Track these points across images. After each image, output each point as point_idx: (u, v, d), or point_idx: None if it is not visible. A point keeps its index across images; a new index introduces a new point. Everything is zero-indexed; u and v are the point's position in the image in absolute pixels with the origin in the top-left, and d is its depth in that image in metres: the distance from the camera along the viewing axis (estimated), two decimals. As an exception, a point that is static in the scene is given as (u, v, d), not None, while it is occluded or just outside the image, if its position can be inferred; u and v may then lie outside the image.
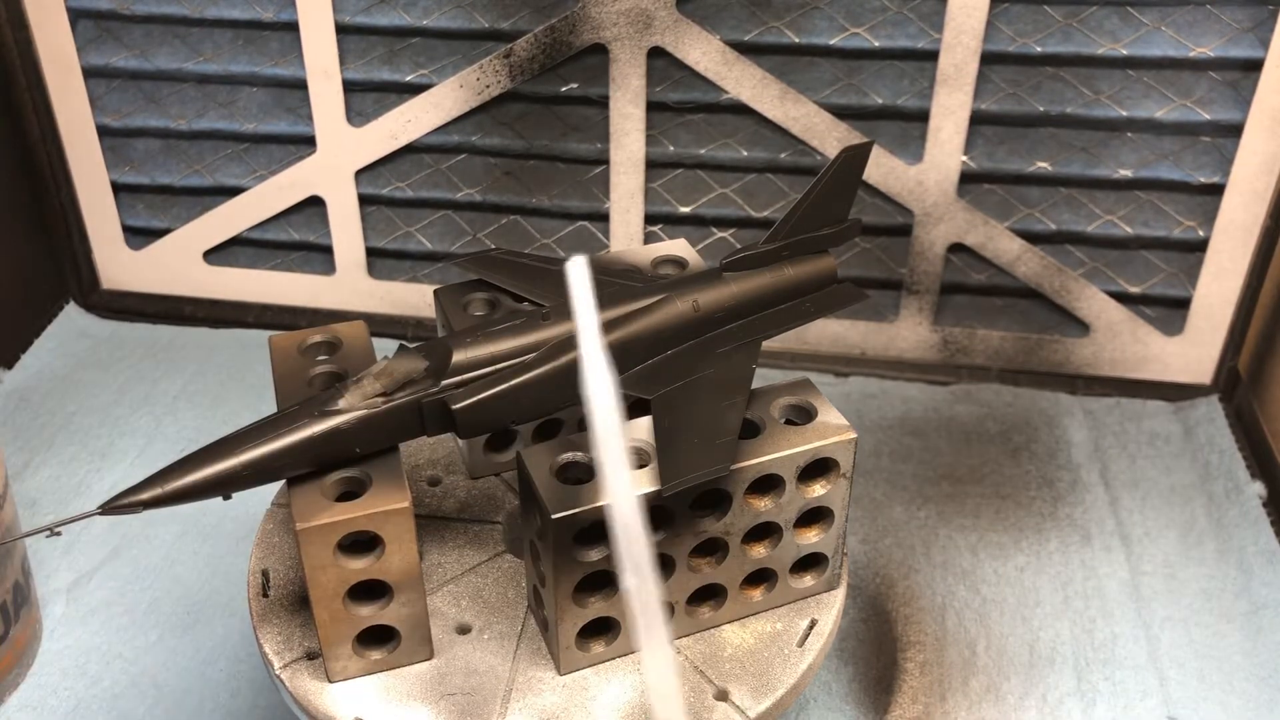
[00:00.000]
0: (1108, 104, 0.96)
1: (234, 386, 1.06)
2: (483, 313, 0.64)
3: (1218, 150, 0.97)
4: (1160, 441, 1.00)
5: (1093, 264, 1.02)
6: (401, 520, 0.52)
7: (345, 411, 0.53)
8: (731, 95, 0.99)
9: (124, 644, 0.82)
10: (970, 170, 0.99)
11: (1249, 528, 0.90)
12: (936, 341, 1.07)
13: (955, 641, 0.82)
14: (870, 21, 0.96)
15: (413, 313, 1.12)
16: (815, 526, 0.60)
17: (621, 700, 0.56)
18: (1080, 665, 0.80)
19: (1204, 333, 1.03)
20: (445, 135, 1.05)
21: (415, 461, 0.69)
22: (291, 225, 1.11)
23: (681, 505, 0.55)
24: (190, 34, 1.05)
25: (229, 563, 0.88)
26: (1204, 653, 0.81)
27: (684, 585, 0.58)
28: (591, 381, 0.30)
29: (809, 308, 0.64)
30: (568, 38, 0.98)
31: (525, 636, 0.59)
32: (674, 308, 0.60)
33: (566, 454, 0.56)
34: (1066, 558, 0.89)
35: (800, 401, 0.59)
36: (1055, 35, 0.95)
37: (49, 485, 0.95)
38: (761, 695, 0.57)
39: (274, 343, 0.62)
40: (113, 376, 1.07)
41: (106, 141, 1.09)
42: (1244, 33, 0.92)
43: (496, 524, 0.66)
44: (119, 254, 1.15)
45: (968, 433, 1.00)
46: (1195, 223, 0.99)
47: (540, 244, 1.08)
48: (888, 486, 0.95)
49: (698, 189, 1.04)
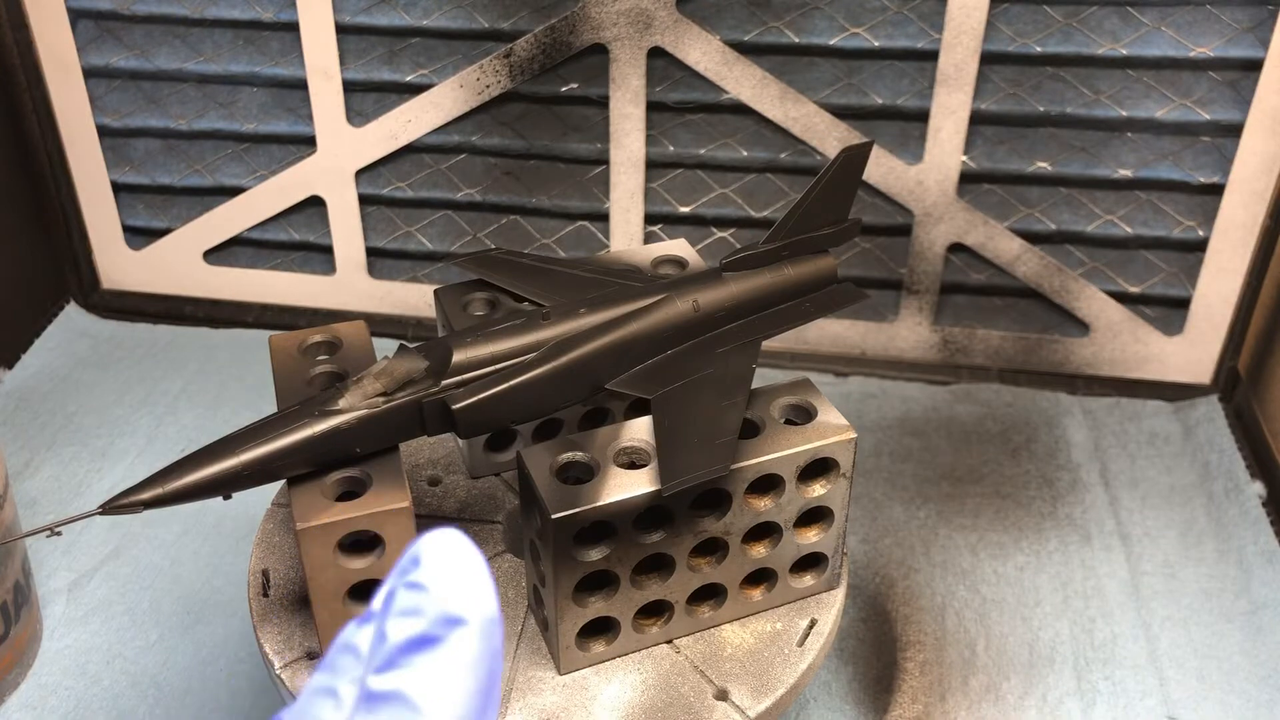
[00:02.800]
0: (1108, 104, 0.96)
1: (234, 386, 1.06)
2: (483, 313, 0.64)
3: (1217, 150, 0.97)
4: (1160, 441, 1.00)
5: (1093, 264, 1.02)
6: (401, 520, 0.52)
7: (345, 411, 0.53)
8: (731, 95, 0.99)
9: (124, 644, 0.82)
10: (970, 170, 0.99)
11: (1249, 528, 0.90)
12: (936, 341, 1.07)
13: (955, 641, 0.82)
14: (870, 21, 0.96)
15: (413, 313, 1.12)
16: (815, 526, 0.60)
17: (621, 700, 0.56)
18: (1080, 665, 0.80)
19: (1204, 332, 1.03)
20: (445, 135, 1.05)
21: (415, 461, 0.69)
22: (291, 225, 1.11)
23: (681, 505, 0.55)
24: (190, 34, 1.05)
25: (229, 563, 0.88)
26: (1204, 653, 0.81)
27: (684, 585, 0.58)
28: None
29: (809, 308, 0.64)
30: (568, 38, 0.99)
31: (525, 636, 0.59)
32: (674, 308, 0.60)
33: (566, 454, 0.56)
34: (1066, 557, 0.89)
35: (800, 401, 0.59)
36: (1055, 35, 0.95)
37: (49, 485, 0.95)
38: (761, 695, 0.57)
39: (274, 343, 0.62)
40: (113, 376, 1.07)
41: (106, 141, 1.09)
42: (1244, 33, 0.92)
43: (496, 524, 0.66)
44: (119, 254, 1.15)
45: (967, 433, 1.00)
46: (1195, 222, 0.99)
47: (540, 244, 1.08)
48: (888, 486, 0.95)
49: (698, 189, 1.04)
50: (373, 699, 0.29)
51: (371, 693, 0.29)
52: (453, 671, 0.29)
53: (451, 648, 0.29)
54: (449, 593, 0.30)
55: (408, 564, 0.30)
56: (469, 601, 0.30)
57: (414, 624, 0.29)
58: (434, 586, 0.30)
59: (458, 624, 0.29)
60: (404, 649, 0.29)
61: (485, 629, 0.30)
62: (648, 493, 0.53)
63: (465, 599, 0.30)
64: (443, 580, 0.30)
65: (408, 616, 0.29)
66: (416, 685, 0.29)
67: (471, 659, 0.29)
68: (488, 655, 0.30)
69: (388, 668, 0.29)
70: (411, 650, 0.29)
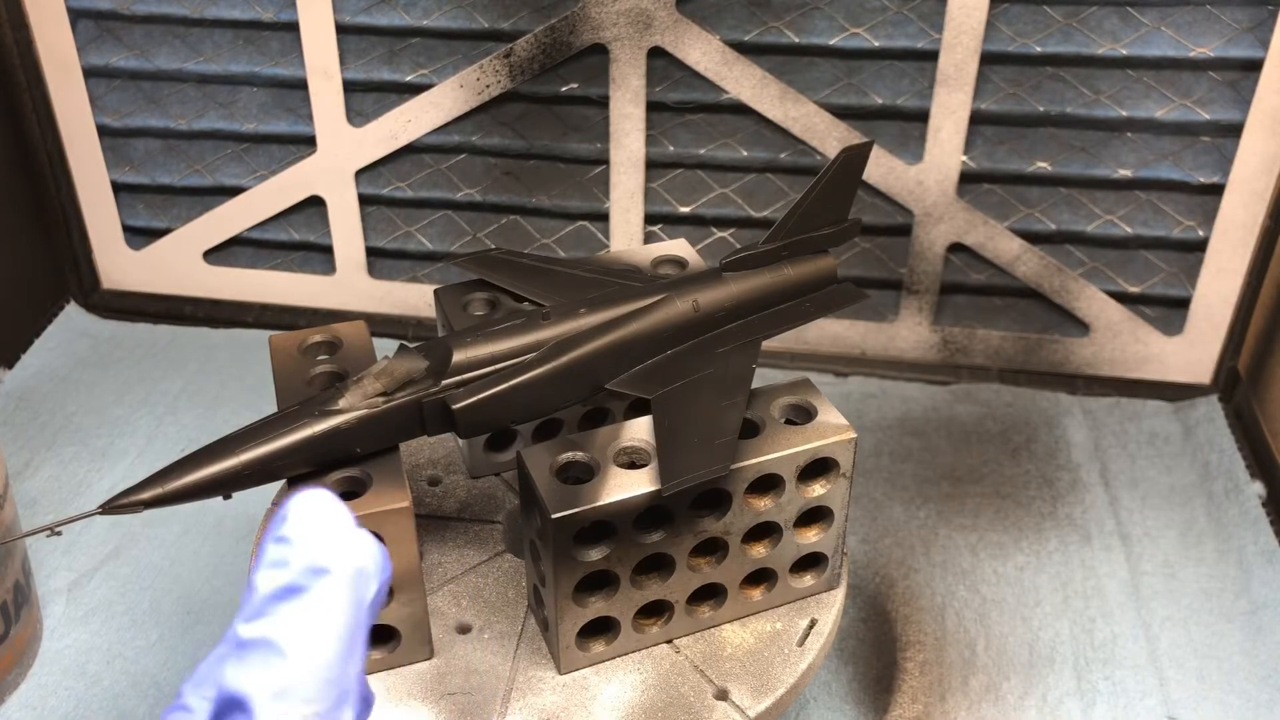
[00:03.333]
0: (1108, 104, 0.96)
1: (234, 386, 1.06)
2: (483, 313, 0.64)
3: (1217, 150, 0.97)
4: (1160, 441, 1.00)
5: (1092, 264, 1.02)
6: (401, 520, 0.52)
7: (345, 411, 0.53)
8: (731, 95, 0.99)
9: (124, 644, 0.82)
10: (970, 170, 0.99)
11: (1249, 528, 0.90)
12: (936, 341, 1.07)
13: (955, 641, 0.82)
14: (870, 21, 0.96)
15: (413, 313, 1.12)
16: (815, 526, 0.60)
17: (621, 700, 0.56)
18: (1080, 665, 0.80)
19: (1204, 332, 1.03)
20: (445, 135, 1.05)
21: (415, 461, 0.69)
22: (291, 225, 1.11)
23: (681, 505, 0.55)
24: (190, 34, 1.05)
25: (229, 563, 0.88)
26: (1204, 652, 0.81)
27: (684, 585, 0.58)
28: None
29: (809, 308, 0.64)
30: (568, 38, 0.99)
31: (525, 636, 0.59)
32: (674, 308, 0.60)
33: (566, 454, 0.56)
34: (1066, 557, 0.89)
35: (800, 401, 0.59)
36: (1055, 35, 0.95)
37: (49, 485, 0.95)
38: (761, 695, 0.57)
39: (274, 343, 0.62)
40: (113, 376, 1.07)
41: (106, 141, 1.09)
42: (1244, 33, 0.92)
43: (496, 524, 0.66)
44: (119, 254, 1.15)
45: (967, 433, 1.00)
46: (1195, 223, 0.99)
47: (540, 244, 1.08)
48: (888, 486, 0.95)
49: (698, 189, 1.04)
50: (242, 646, 0.31)
51: (241, 640, 0.31)
52: (316, 618, 0.31)
53: (315, 596, 0.31)
54: (313, 545, 0.32)
55: (277, 521, 0.32)
56: (333, 553, 0.32)
57: (280, 575, 0.31)
58: (299, 540, 0.32)
59: (322, 574, 0.31)
60: (271, 598, 0.31)
61: (351, 579, 0.32)
62: (648, 493, 0.53)
63: (329, 551, 0.32)
64: (308, 534, 0.32)
65: (275, 568, 0.31)
66: (282, 631, 0.31)
67: (335, 606, 0.31)
68: (352, 604, 0.32)
69: (255, 616, 0.31)
70: (278, 599, 0.31)
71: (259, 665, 0.30)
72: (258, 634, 0.31)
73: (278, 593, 0.31)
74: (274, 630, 0.31)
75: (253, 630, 0.31)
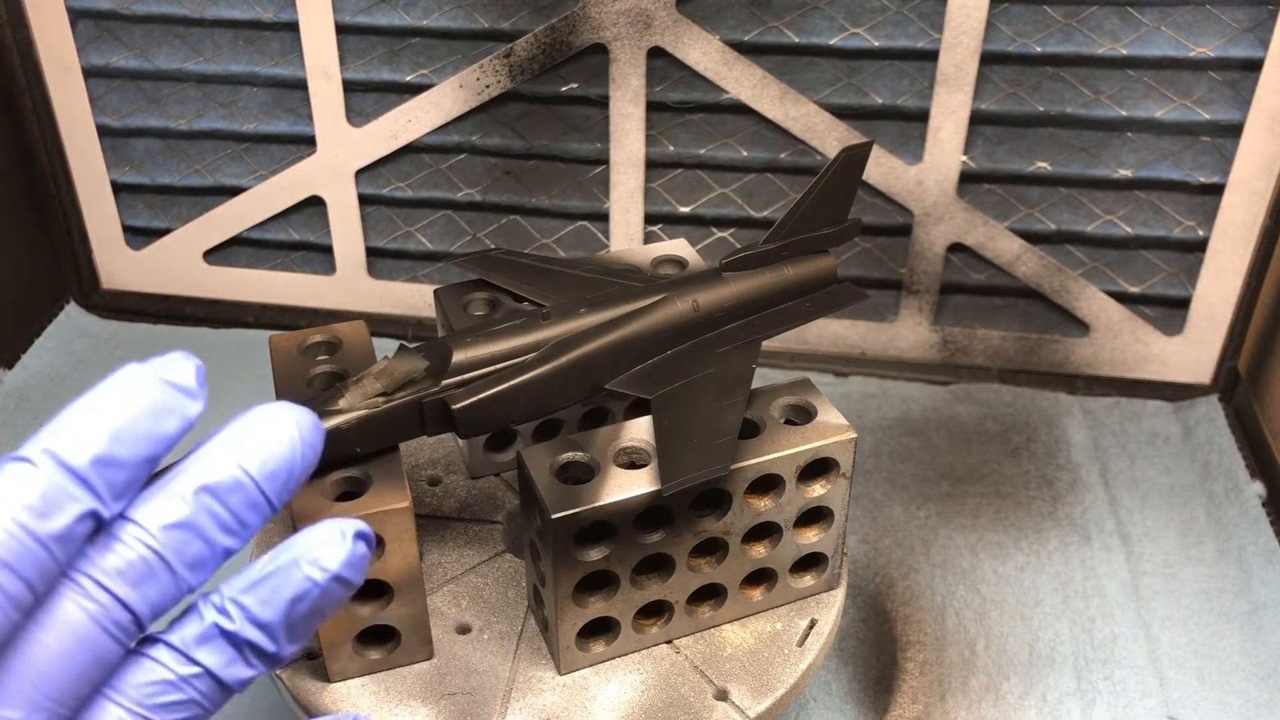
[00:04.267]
0: (1108, 104, 0.96)
1: (234, 386, 1.06)
2: (483, 313, 0.64)
3: (1217, 150, 0.97)
4: (1160, 441, 1.00)
5: (1092, 264, 1.02)
6: (401, 520, 0.52)
7: (345, 411, 0.53)
8: (731, 95, 0.99)
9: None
10: (970, 170, 0.99)
11: (1249, 528, 0.90)
12: (936, 341, 1.07)
13: (955, 641, 0.82)
14: (870, 21, 0.96)
15: (413, 313, 1.12)
16: (815, 526, 0.60)
17: (621, 700, 0.56)
18: (1080, 665, 0.80)
19: (1204, 333, 1.03)
20: (445, 135, 1.05)
21: (415, 461, 0.69)
22: (291, 225, 1.11)
23: (681, 505, 0.55)
24: (190, 34, 1.05)
25: (229, 562, 0.88)
26: (1204, 652, 0.81)
27: (684, 585, 0.58)
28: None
29: (809, 308, 0.64)
30: (568, 38, 0.99)
31: (525, 636, 0.59)
32: (674, 308, 0.60)
33: (566, 454, 0.56)
34: (1066, 557, 0.89)
35: (800, 401, 0.60)
36: (1055, 35, 0.95)
37: (49, 485, 0.95)
38: (761, 695, 0.57)
39: (274, 343, 0.62)
40: (113, 376, 1.07)
41: (106, 141, 1.09)
42: (1244, 33, 0.92)
43: (496, 524, 0.66)
44: (119, 254, 1.15)
45: (967, 433, 1.00)
46: (1195, 222, 0.99)
47: (540, 244, 1.08)
48: (887, 486, 0.95)
49: (698, 189, 1.04)
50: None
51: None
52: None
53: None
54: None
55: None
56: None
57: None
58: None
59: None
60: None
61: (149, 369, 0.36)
62: (648, 493, 0.54)
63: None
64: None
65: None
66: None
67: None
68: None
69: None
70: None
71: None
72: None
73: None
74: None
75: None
